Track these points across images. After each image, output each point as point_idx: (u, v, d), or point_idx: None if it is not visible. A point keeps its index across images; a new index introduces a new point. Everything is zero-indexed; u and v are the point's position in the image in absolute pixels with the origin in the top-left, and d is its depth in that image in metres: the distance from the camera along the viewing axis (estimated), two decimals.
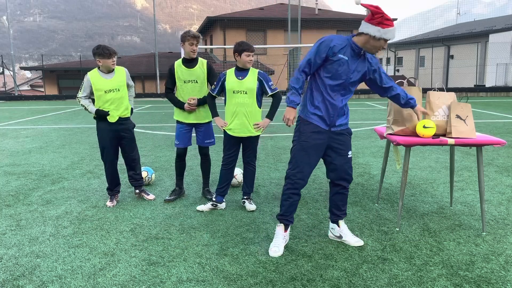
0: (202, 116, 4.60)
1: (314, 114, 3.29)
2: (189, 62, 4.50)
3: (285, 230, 3.46)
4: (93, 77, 4.41)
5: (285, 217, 3.44)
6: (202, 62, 4.53)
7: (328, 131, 3.32)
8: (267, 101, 4.30)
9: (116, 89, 4.46)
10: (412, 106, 3.50)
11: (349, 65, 3.19)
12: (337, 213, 3.58)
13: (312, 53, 3.18)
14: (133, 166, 4.77)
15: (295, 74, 3.22)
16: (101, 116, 4.46)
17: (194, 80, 4.49)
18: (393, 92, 3.43)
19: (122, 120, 4.55)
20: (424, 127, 3.51)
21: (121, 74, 4.54)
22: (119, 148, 4.68)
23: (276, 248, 3.34)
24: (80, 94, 4.47)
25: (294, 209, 3.44)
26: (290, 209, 3.41)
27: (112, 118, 4.48)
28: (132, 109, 4.73)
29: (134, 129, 4.83)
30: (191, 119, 4.59)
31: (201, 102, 4.51)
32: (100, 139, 4.57)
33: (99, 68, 4.45)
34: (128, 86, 4.69)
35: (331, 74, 3.20)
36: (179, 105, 4.53)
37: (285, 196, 3.39)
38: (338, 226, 3.58)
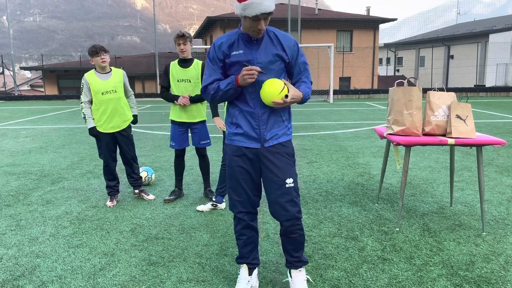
0: (194, 115, 4.60)
1: (235, 134, 2.62)
2: (185, 62, 4.51)
3: (249, 273, 2.77)
4: (90, 77, 4.42)
5: (243, 259, 2.79)
6: (197, 63, 4.54)
7: (260, 149, 2.58)
8: None
9: (112, 90, 4.46)
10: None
11: (246, 56, 2.53)
12: (288, 258, 2.75)
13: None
14: (131, 165, 4.78)
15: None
16: (93, 134, 4.49)
17: (187, 80, 4.49)
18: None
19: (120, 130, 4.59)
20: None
21: (118, 75, 4.54)
22: (117, 148, 4.71)
23: None
24: (83, 98, 4.43)
25: (253, 248, 2.78)
26: (247, 248, 2.77)
27: (103, 129, 4.48)
28: (135, 116, 4.75)
29: (134, 129, 4.84)
30: (183, 118, 4.58)
31: (193, 100, 4.51)
32: (97, 141, 4.59)
33: (95, 69, 4.47)
34: (127, 91, 4.67)
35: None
36: (173, 98, 4.53)
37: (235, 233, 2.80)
38: (290, 276, 2.75)
